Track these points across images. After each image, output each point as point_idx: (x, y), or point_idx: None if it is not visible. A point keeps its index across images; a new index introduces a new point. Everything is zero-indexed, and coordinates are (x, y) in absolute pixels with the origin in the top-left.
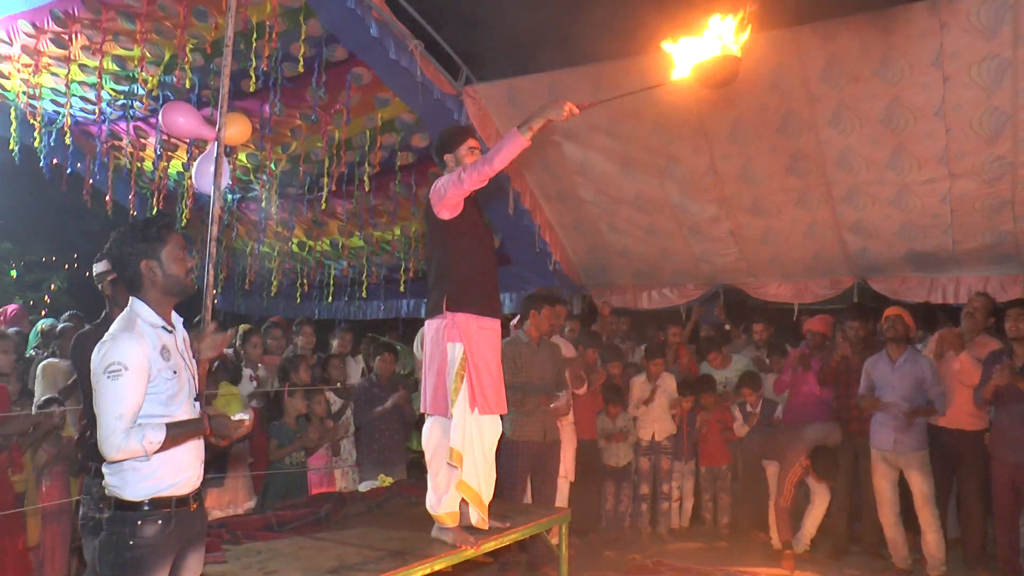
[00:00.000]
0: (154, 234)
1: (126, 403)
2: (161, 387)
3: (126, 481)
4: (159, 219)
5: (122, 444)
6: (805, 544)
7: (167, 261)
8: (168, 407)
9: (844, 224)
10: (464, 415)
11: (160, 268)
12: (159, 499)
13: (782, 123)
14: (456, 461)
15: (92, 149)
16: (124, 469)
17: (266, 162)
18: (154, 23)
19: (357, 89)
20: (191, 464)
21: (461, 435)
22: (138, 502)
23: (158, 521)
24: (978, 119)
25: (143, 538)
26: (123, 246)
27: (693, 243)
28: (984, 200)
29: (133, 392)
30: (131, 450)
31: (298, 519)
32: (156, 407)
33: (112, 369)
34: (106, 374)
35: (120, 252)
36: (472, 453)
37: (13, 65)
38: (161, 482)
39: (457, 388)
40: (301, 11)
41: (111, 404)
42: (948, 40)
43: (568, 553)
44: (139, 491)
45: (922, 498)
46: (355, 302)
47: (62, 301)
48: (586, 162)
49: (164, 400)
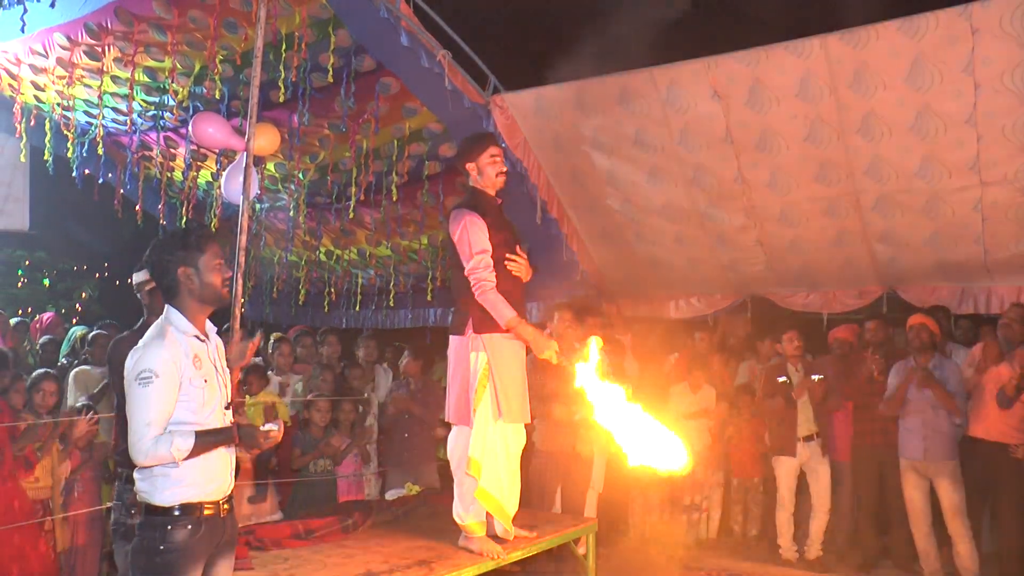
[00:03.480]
0: (193, 242)
1: (156, 410)
2: (192, 395)
3: (156, 487)
4: (199, 228)
5: (151, 450)
6: (817, 551)
7: (204, 270)
8: (199, 415)
9: (873, 233)
10: (485, 424)
11: (197, 276)
12: (189, 505)
13: (810, 131)
14: (474, 470)
15: (123, 159)
16: (154, 475)
17: (294, 172)
18: (185, 35)
19: (385, 99)
20: (221, 471)
21: (481, 444)
22: (168, 507)
23: (188, 526)
24: (1011, 127)
25: (173, 543)
26: (162, 253)
27: (721, 252)
28: (1016, 209)
29: (163, 399)
30: (160, 456)
31: (325, 527)
32: (187, 414)
33: (143, 376)
34: (137, 381)
35: (159, 259)
36: (494, 462)
37: (48, 77)
38: (191, 488)
39: (480, 396)
40: (330, 22)
41: (141, 411)
42: (980, 46)
43: (596, 564)
44: (169, 497)
45: (952, 509)
46: (383, 311)
47: (93, 310)
48: (614, 171)
49: (195, 408)
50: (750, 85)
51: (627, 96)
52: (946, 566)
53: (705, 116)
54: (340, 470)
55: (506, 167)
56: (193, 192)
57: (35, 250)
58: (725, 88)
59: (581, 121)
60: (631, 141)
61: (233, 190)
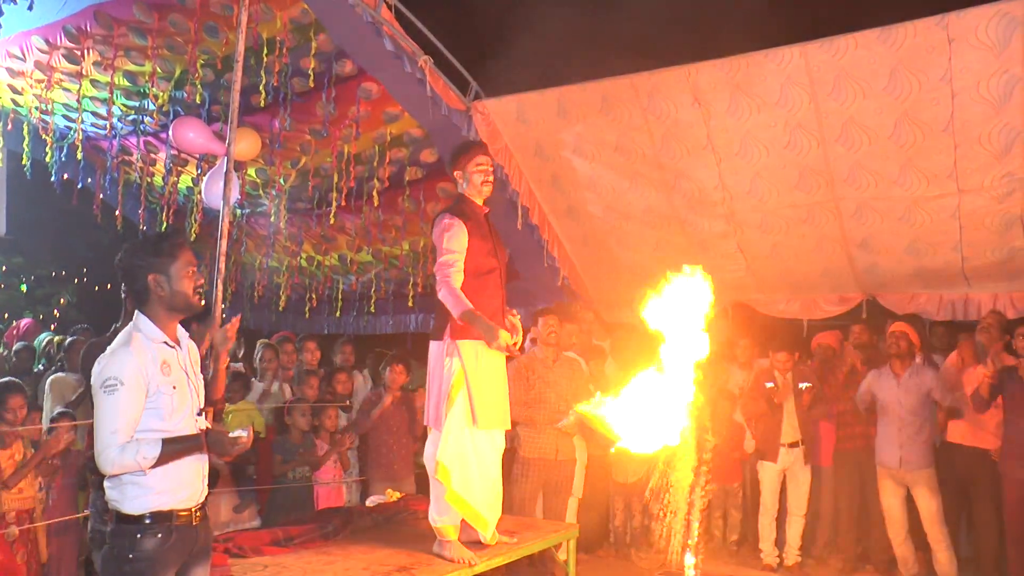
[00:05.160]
0: (165, 249)
1: (121, 418)
2: (160, 402)
3: (126, 495)
4: (172, 235)
5: (116, 459)
6: (795, 556)
7: (175, 277)
8: (168, 422)
9: (852, 240)
10: (458, 429)
11: (168, 283)
12: (160, 513)
13: (790, 138)
14: (441, 475)
15: (103, 164)
16: (124, 483)
17: (275, 177)
18: (165, 39)
19: (366, 104)
20: (192, 479)
21: (451, 449)
22: (138, 516)
23: (158, 535)
24: (987, 135)
25: (143, 551)
26: (133, 258)
27: (701, 259)
28: (994, 217)
29: (129, 407)
30: (126, 465)
31: (305, 534)
32: (155, 422)
33: (108, 384)
34: (103, 389)
35: (129, 264)
36: (465, 468)
37: (26, 81)
38: (161, 496)
39: (452, 401)
40: (311, 27)
41: (106, 419)
42: (957, 56)
43: (576, 569)
44: (139, 505)
45: (930, 516)
46: (364, 317)
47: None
48: (595, 177)
49: (164, 415)
50: (730, 92)
51: (608, 103)
52: (925, 571)
53: (685, 123)
54: (320, 476)
55: (493, 177)
56: (174, 197)
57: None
58: (706, 95)
59: (562, 127)
60: (612, 147)
61: (214, 195)
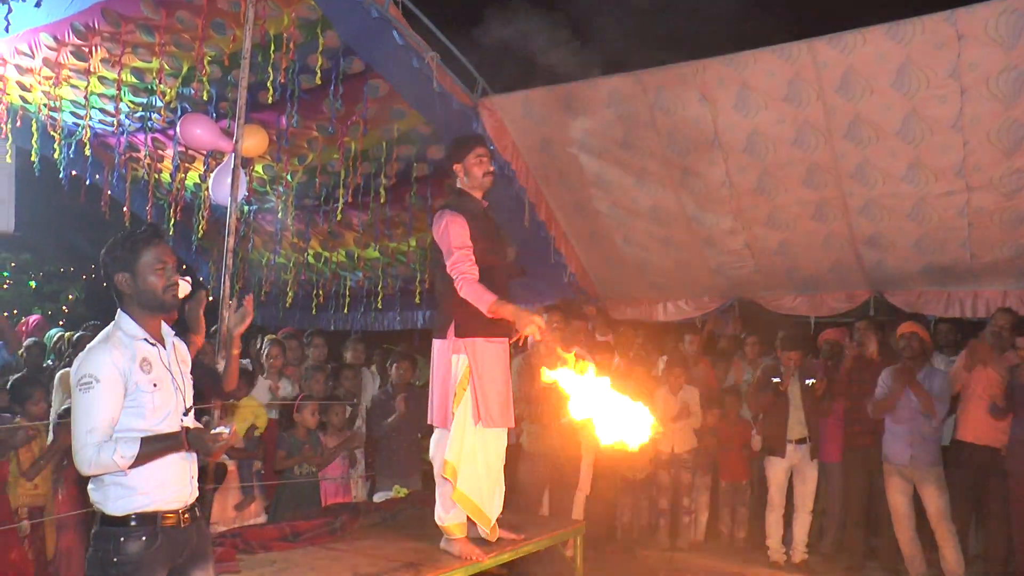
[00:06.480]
0: (129, 246)
1: (98, 417)
2: (140, 400)
3: (108, 496)
4: (141, 232)
5: (93, 458)
6: (801, 553)
7: (141, 274)
8: (149, 421)
9: (860, 237)
10: (463, 428)
11: (134, 281)
12: (144, 515)
13: (798, 135)
14: (449, 473)
15: (110, 161)
16: (106, 484)
17: (282, 174)
18: (173, 36)
19: (374, 101)
20: (177, 479)
21: (458, 448)
22: (122, 517)
23: (143, 537)
24: (996, 131)
25: (126, 555)
26: (104, 256)
27: (709, 255)
28: (1002, 213)
29: (105, 405)
30: (103, 465)
31: (313, 529)
32: (136, 420)
33: (84, 382)
34: (79, 387)
35: (102, 262)
36: (472, 466)
37: (35, 78)
38: (145, 497)
39: (459, 400)
40: (319, 23)
41: (82, 417)
42: (966, 52)
43: (583, 566)
44: (122, 506)
45: (937, 514)
46: (371, 313)
47: (79, 311)
48: (602, 174)
49: (144, 414)
50: (738, 89)
51: (615, 99)
52: (932, 569)
53: (693, 120)
54: (327, 472)
55: (493, 168)
56: (181, 194)
57: (21, 252)
58: (713, 92)
59: (569, 124)
60: (619, 144)
61: (221, 192)
